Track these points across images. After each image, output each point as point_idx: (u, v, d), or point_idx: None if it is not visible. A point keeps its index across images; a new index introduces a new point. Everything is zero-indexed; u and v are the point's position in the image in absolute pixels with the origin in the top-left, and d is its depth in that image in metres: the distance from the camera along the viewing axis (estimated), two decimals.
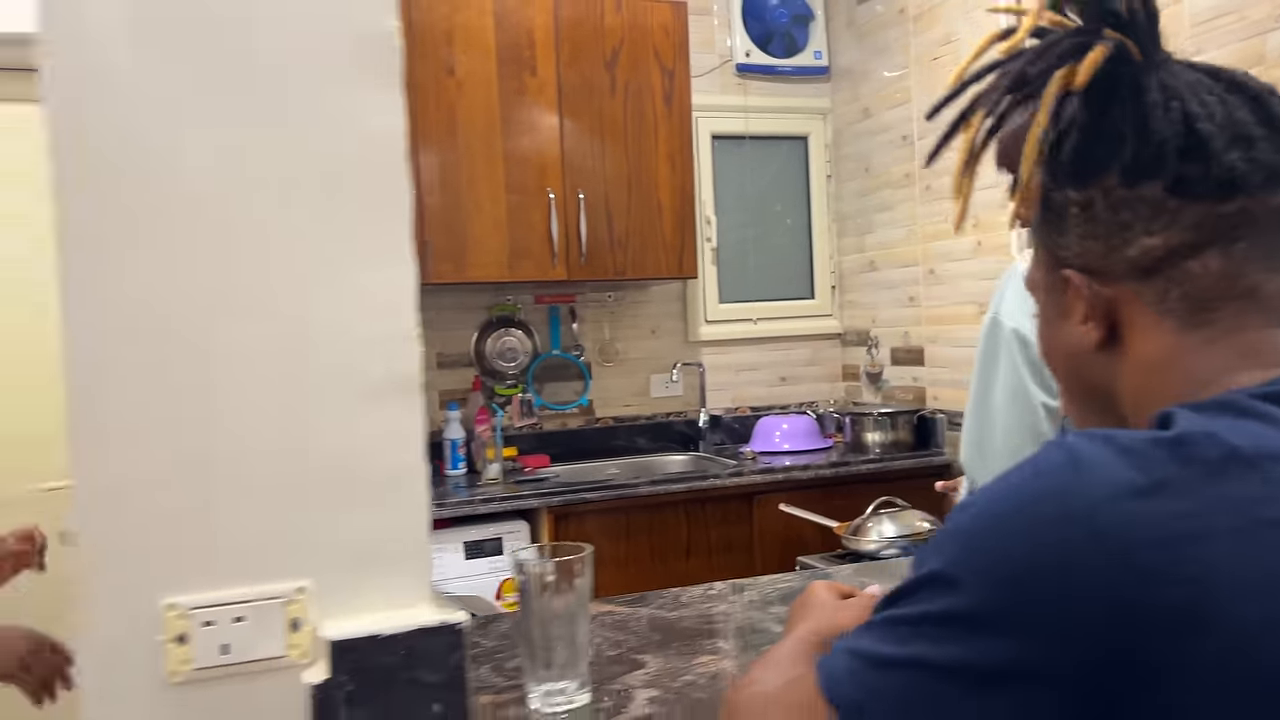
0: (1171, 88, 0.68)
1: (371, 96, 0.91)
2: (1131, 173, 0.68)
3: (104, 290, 0.86)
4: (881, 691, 0.63)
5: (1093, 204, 0.70)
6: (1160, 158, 0.67)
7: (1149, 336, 0.70)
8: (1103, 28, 0.70)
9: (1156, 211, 0.68)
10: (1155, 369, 0.70)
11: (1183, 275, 0.68)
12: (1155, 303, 0.69)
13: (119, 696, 0.87)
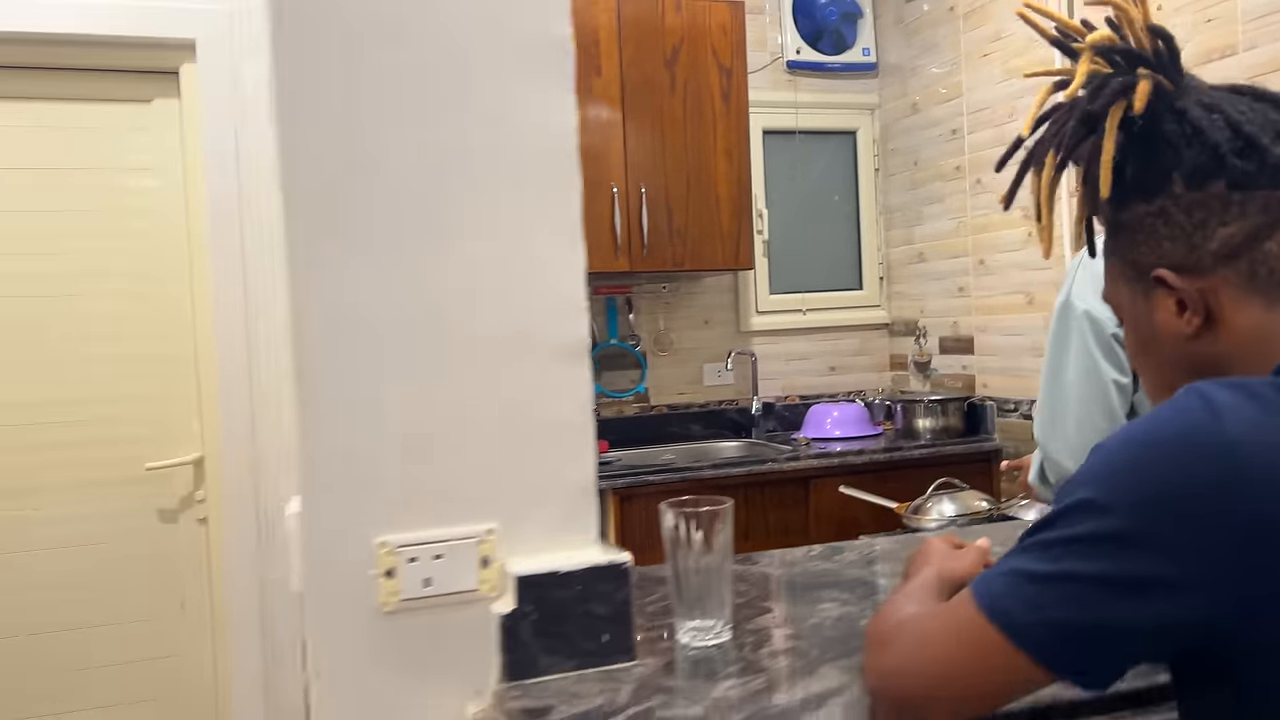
0: (1210, 103, 0.83)
1: (550, 96, 1.04)
2: (1195, 177, 0.81)
3: (325, 276, 0.98)
4: (1038, 603, 0.74)
5: (1166, 211, 0.82)
6: (1218, 160, 0.80)
7: (1244, 313, 0.81)
8: (1137, 67, 0.84)
9: (1225, 205, 0.80)
10: (1256, 340, 0.81)
11: (1263, 255, 0.80)
12: (1244, 284, 0.81)
13: (340, 624, 1.00)
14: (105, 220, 2.69)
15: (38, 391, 2.63)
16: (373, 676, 1.01)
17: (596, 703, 0.96)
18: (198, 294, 2.72)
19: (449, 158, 1.02)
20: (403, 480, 1.02)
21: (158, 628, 2.72)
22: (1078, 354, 1.74)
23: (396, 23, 0.99)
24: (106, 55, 2.63)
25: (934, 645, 0.81)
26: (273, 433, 2.64)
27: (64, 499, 2.64)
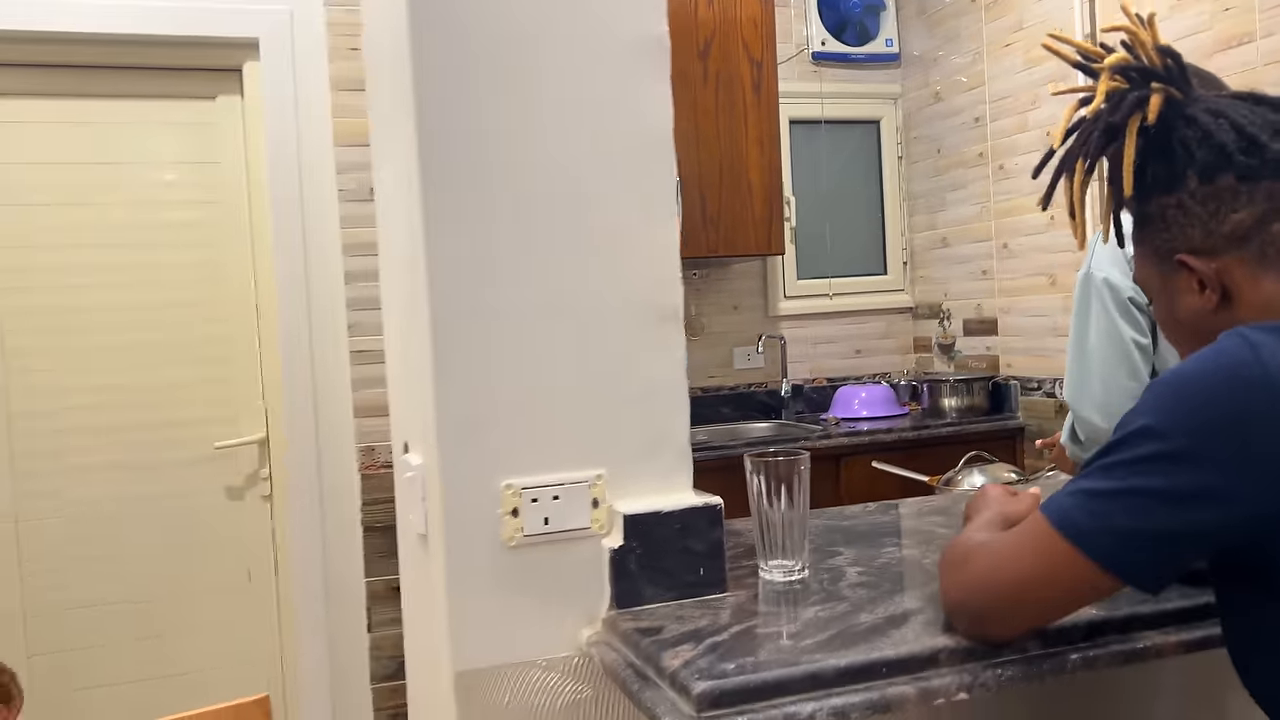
0: (1215, 109, 0.98)
1: (652, 89, 1.16)
2: (1207, 173, 0.96)
3: (460, 253, 1.11)
4: (1105, 514, 0.87)
5: (1183, 203, 0.97)
6: (1226, 157, 0.95)
7: (1258, 288, 0.94)
8: (1150, 82, 0.98)
9: (1234, 195, 0.95)
10: (1269, 310, 0.94)
11: (1270, 236, 0.94)
12: (1255, 262, 0.94)
13: (471, 556, 1.13)
14: (173, 212, 2.82)
15: (114, 375, 2.77)
16: (500, 604, 1.14)
17: (702, 624, 1.09)
18: (261, 282, 2.86)
19: (568, 145, 1.15)
20: (524, 430, 1.14)
21: (226, 598, 2.86)
22: (1098, 318, 1.89)
23: (524, 31, 1.12)
24: (174, 54, 2.76)
25: (1010, 560, 0.93)
26: (335, 411, 2.77)
27: (138, 477, 2.78)
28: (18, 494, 2.71)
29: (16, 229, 2.72)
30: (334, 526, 2.79)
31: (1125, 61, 0.99)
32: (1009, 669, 0.97)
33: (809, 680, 0.94)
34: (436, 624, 1.19)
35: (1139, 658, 1.02)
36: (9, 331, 2.71)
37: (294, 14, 2.73)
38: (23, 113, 2.72)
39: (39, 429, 2.73)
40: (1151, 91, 0.98)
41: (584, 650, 1.16)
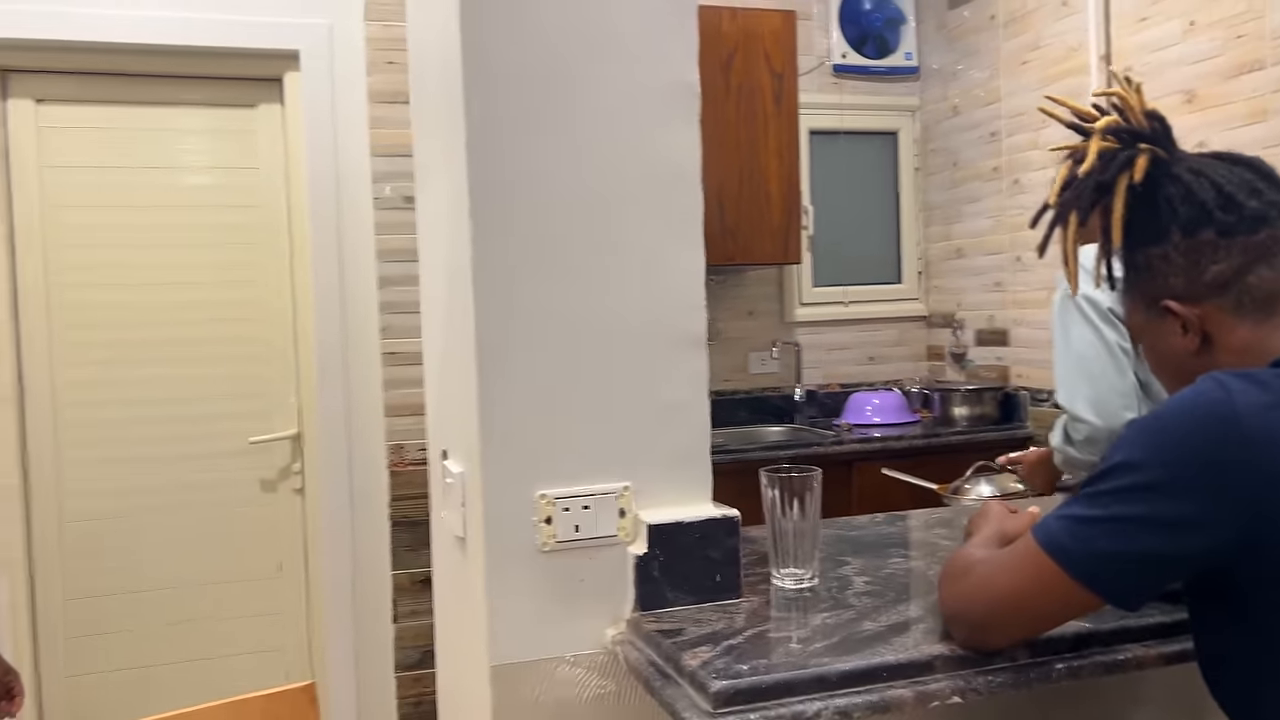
0: (1196, 169, 1.08)
1: (681, 132, 1.25)
2: (1189, 228, 1.06)
3: (501, 279, 1.21)
4: (1088, 538, 0.96)
5: (1168, 255, 1.07)
6: (1206, 213, 1.05)
7: (1234, 334, 1.04)
8: (1138, 143, 1.08)
9: (1214, 248, 1.04)
10: (1246, 353, 1.04)
11: (1247, 287, 1.03)
12: (1233, 310, 1.04)
13: (507, 560, 1.23)
14: (215, 215, 2.93)
15: (156, 369, 2.89)
16: (533, 604, 1.24)
17: (718, 626, 1.19)
18: (298, 284, 2.97)
19: (604, 181, 1.24)
20: (558, 444, 1.24)
21: (257, 587, 2.98)
22: (1080, 325, 2.04)
23: (567, 76, 1.21)
24: (218, 64, 2.87)
25: (1002, 577, 1.03)
26: (366, 409, 2.88)
27: (176, 468, 2.90)
28: (62, 481, 2.83)
29: (69, 229, 2.84)
30: (362, 520, 2.90)
31: (1115, 124, 1.09)
32: (1000, 676, 1.07)
33: (815, 682, 1.03)
34: (474, 620, 1.29)
35: (1121, 668, 1.11)
36: (60, 326, 2.83)
37: (333, 28, 2.84)
38: (77, 118, 2.84)
39: (85, 419, 2.85)
40: (1139, 152, 1.07)
41: (609, 648, 1.26)
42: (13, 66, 2.76)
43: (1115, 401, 2.03)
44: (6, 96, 2.77)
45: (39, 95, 2.80)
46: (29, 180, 2.80)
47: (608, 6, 1.23)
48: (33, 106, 2.79)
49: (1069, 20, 3.34)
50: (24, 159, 2.79)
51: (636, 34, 1.24)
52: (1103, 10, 3.20)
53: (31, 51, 2.74)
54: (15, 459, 2.78)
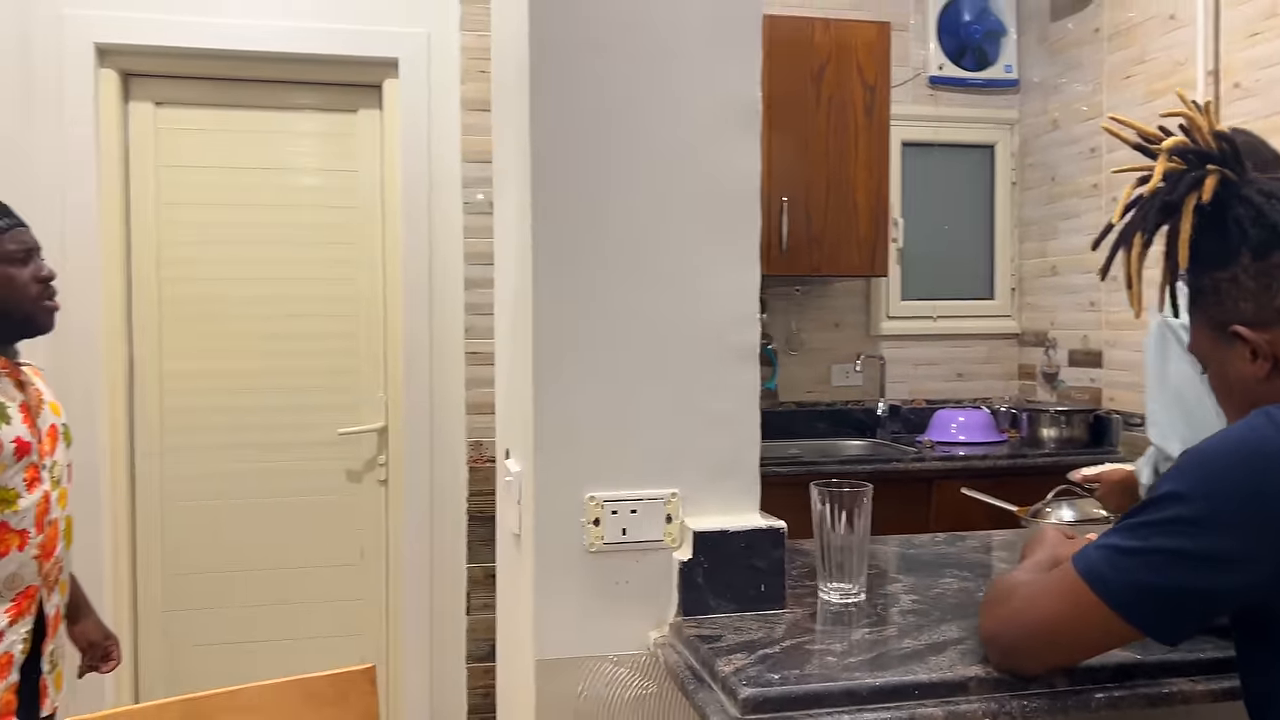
0: (1266, 190, 1.05)
1: (743, 148, 1.28)
2: (1260, 250, 1.02)
3: (561, 282, 1.25)
4: (1128, 569, 0.95)
5: (1238, 278, 1.03)
6: (1277, 235, 1.00)
7: None
8: (1206, 164, 1.05)
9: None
10: None
11: None
12: None
13: (557, 558, 1.27)
14: (313, 215, 3.07)
15: (254, 361, 3.04)
16: (579, 602, 1.28)
17: (757, 636, 1.20)
18: (389, 282, 3.08)
19: (663, 195, 1.27)
20: (609, 449, 1.28)
21: (340, 573, 3.10)
22: (1178, 360, 1.94)
23: (631, 93, 1.25)
24: (322, 71, 3.01)
25: (1040, 603, 1.02)
26: (448, 407, 2.97)
27: (269, 455, 3.05)
28: (164, 464, 3.00)
29: (180, 226, 3.01)
30: (440, 514, 3.00)
31: (1183, 144, 1.06)
32: (1034, 701, 1.06)
33: (845, 696, 1.04)
34: (522, 615, 1.34)
35: (1165, 702, 1.09)
36: (168, 319, 3.00)
37: (431, 36, 2.94)
38: (191, 121, 3.01)
39: (187, 407, 3.01)
40: (1208, 173, 1.04)
41: (651, 650, 1.29)
42: (135, 71, 2.94)
43: (1201, 429, 1.96)
44: (128, 99, 2.96)
45: (158, 98, 2.97)
46: (146, 179, 2.98)
47: (671, 23, 1.26)
48: (152, 109, 2.97)
49: (1177, 34, 3.23)
50: (143, 159, 2.97)
51: (698, 50, 1.27)
52: (1212, 25, 3.09)
53: (152, 57, 2.91)
54: (124, 442, 2.96)
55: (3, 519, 1.75)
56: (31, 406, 1.86)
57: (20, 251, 1.80)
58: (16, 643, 1.79)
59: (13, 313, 1.80)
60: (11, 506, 1.76)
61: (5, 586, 1.77)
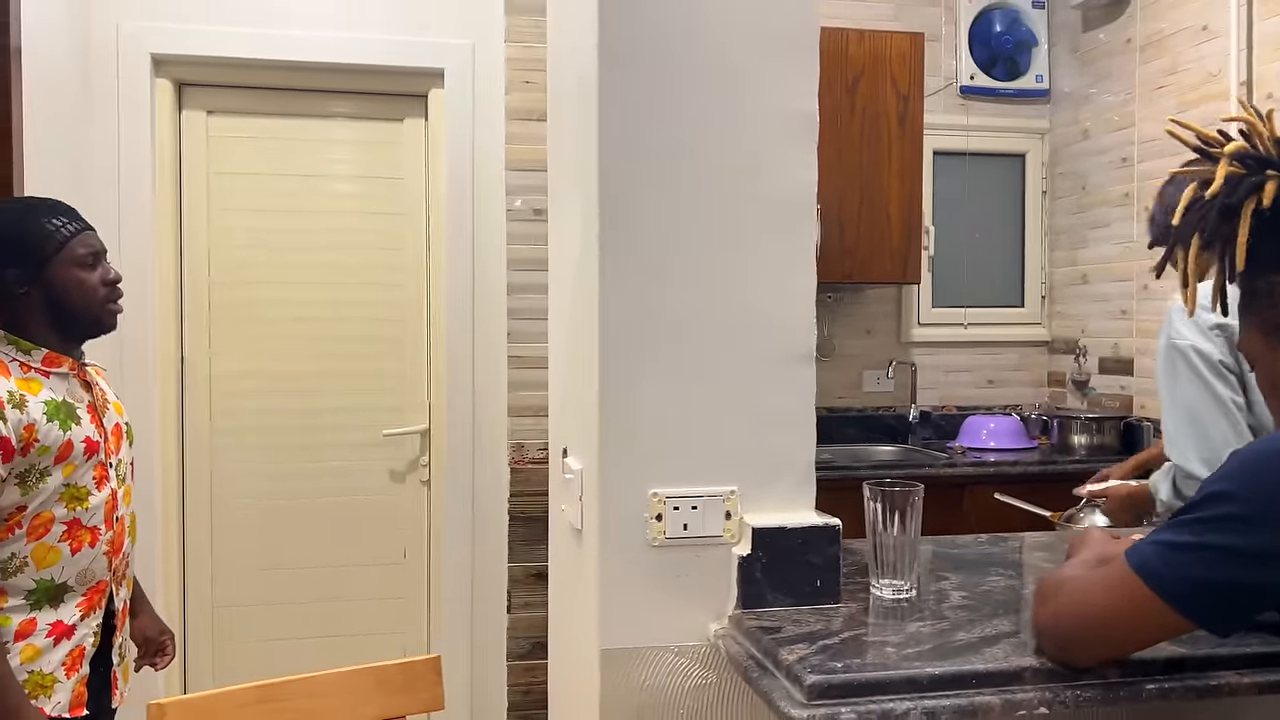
0: None
1: (800, 158, 1.33)
2: None
3: (626, 287, 1.31)
4: (1180, 564, 0.99)
5: None
6: None
7: None
8: (1266, 169, 1.08)
9: None
10: None
11: None
12: None
13: (622, 551, 1.32)
14: (360, 221, 3.15)
15: (300, 364, 3.12)
16: (642, 595, 1.33)
17: (816, 627, 1.25)
18: (434, 288, 3.15)
19: (726, 206, 1.33)
20: (672, 447, 1.33)
21: (384, 571, 3.17)
22: (1191, 380, 2.03)
23: (694, 107, 1.31)
24: (370, 81, 3.09)
25: (1094, 596, 1.06)
26: (491, 409, 3.04)
27: (316, 455, 3.12)
28: (214, 464, 3.08)
29: (231, 231, 3.09)
30: (481, 513, 3.06)
31: (1243, 150, 1.10)
32: (1087, 691, 1.10)
33: (906, 683, 1.09)
34: (586, 607, 1.39)
35: (1213, 694, 1.13)
36: (216, 322, 3.09)
37: (475, 47, 3.01)
38: (242, 129, 3.09)
39: (236, 408, 3.09)
40: (1268, 178, 1.08)
41: (711, 641, 1.34)
42: (188, 80, 3.03)
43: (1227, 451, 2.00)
44: (181, 108, 3.04)
45: (209, 107, 3.06)
46: (199, 185, 3.06)
47: (733, 39, 1.32)
48: (204, 118, 3.06)
49: (1210, 45, 3.26)
50: (195, 166, 3.06)
51: (762, 66, 1.33)
52: (1245, 36, 3.12)
53: (205, 67, 3.00)
54: (174, 442, 3.04)
55: (75, 516, 1.82)
56: (98, 406, 1.93)
57: (89, 255, 1.87)
58: (88, 636, 1.85)
59: (81, 314, 1.87)
60: (83, 504, 1.83)
61: (77, 581, 1.84)
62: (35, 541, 1.77)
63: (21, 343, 1.83)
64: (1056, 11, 4.09)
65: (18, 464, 1.73)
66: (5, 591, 1.76)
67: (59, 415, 1.79)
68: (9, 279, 1.81)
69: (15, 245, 1.80)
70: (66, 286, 1.83)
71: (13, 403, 1.73)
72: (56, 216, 1.84)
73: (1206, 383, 2.01)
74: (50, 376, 1.84)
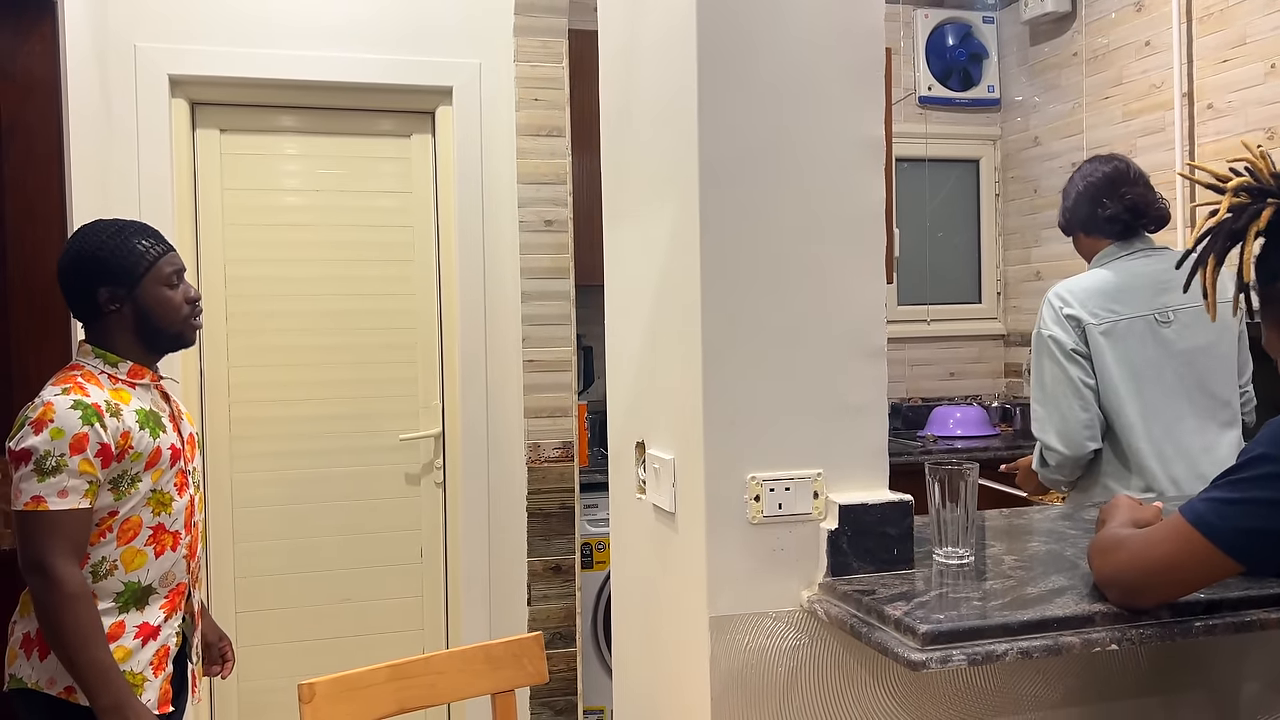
0: None
1: (871, 179, 1.51)
2: None
3: (725, 294, 1.47)
4: (1231, 516, 1.20)
5: None
6: None
7: None
8: (1267, 198, 1.31)
9: None
10: None
11: None
12: None
13: (725, 528, 1.48)
14: (371, 234, 3.25)
15: (317, 372, 3.21)
16: (744, 567, 1.49)
17: (904, 589, 1.43)
18: (446, 297, 3.27)
19: (808, 220, 1.50)
20: (766, 436, 1.50)
21: (401, 571, 3.27)
22: (1050, 366, 2.35)
23: (782, 134, 1.48)
24: (380, 99, 3.19)
25: (1155, 548, 1.27)
26: (505, 412, 3.15)
27: (333, 460, 3.21)
28: (234, 470, 3.15)
29: (245, 245, 3.16)
30: (498, 512, 3.18)
31: (1245, 183, 1.33)
32: (1148, 630, 1.30)
33: (1000, 629, 1.27)
34: (688, 580, 1.55)
35: (1248, 628, 1.34)
36: (235, 331, 3.15)
37: (482, 66, 3.14)
38: (254, 146, 3.17)
39: (254, 416, 3.16)
40: (1266, 205, 1.31)
41: (805, 607, 1.51)
42: (201, 100, 3.09)
43: (1081, 434, 2.33)
44: (195, 127, 3.10)
45: (223, 125, 3.13)
46: (213, 201, 3.12)
47: (817, 69, 1.50)
48: (217, 135, 3.12)
49: (1152, 59, 3.56)
50: (209, 182, 3.12)
51: (839, 94, 1.50)
52: (1185, 51, 3.42)
53: (217, 87, 3.07)
54: None
55: (159, 521, 1.91)
56: (176, 416, 2.03)
57: (174, 274, 1.97)
58: (171, 636, 1.95)
59: (166, 330, 1.96)
60: (167, 509, 1.92)
61: (160, 584, 1.93)
62: (124, 545, 1.87)
63: (109, 356, 1.91)
64: (1006, 26, 4.38)
65: (112, 469, 1.82)
66: (95, 595, 1.85)
67: (149, 423, 1.89)
68: (102, 297, 1.90)
69: (109, 265, 1.89)
70: (154, 304, 1.93)
71: (111, 411, 1.82)
72: (145, 238, 1.94)
73: (1062, 367, 2.30)
74: (135, 387, 1.93)
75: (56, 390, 1.81)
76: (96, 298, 1.89)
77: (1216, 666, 1.62)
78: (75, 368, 1.90)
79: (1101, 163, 2.48)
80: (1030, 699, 1.57)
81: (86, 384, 1.84)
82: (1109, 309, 2.31)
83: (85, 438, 1.77)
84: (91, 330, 1.93)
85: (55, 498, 1.75)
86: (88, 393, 1.82)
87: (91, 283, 1.89)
